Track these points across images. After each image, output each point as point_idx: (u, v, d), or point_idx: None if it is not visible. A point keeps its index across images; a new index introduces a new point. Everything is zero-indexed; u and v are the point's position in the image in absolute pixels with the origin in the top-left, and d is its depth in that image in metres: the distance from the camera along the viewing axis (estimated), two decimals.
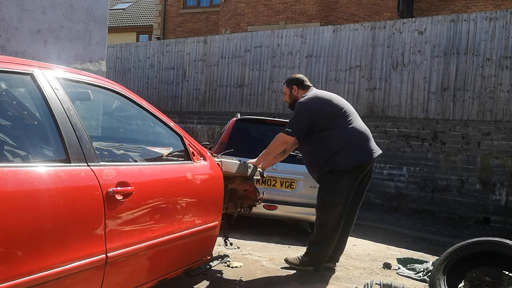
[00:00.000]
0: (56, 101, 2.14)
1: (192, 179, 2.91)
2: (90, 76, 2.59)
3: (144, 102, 2.86)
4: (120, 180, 2.26)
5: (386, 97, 8.64)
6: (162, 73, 11.92)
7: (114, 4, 25.54)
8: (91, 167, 2.14)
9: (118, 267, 2.25)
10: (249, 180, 3.66)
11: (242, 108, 10.43)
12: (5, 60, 2.16)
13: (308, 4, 13.74)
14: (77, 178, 2.06)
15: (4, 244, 1.70)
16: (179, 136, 2.98)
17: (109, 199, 2.15)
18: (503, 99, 7.52)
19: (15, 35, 4.08)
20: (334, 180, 3.72)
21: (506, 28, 7.60)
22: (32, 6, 4.17)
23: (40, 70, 2.20)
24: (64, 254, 1.92)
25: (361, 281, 3.71)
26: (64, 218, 1.95)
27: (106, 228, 2.13)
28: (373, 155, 3.79)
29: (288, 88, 4.05)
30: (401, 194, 8.35)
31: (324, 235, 3.78)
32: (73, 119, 2.17)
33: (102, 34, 4.85)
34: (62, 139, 2.09)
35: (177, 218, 2.74)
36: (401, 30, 8.57)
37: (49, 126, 2.15)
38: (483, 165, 7.61)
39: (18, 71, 2.14)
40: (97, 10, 4.75)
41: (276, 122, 5.50)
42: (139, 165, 2.72)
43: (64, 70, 2.41)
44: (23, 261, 1.76)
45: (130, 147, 3.13)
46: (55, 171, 1.98)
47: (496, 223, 7.36)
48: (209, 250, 3.23)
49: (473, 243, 3.18)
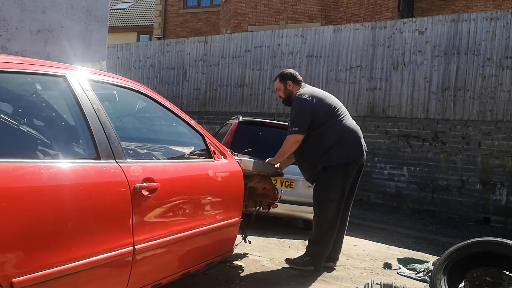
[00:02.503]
0: (86, 102, 2.26)
1: (213, 176, 3.01)
2: (116, 78, 2.70)
3: (167, 102, 2.95)
4: (146, 176, 2.36)
5: (387, 97, 8.64)
6: (163, 73, 11.92)
7: (115, 4, 25.55)
8: (119, 163, 2.25)
9: (144, 259, 2.35)
10: (267, 179, 3.74)
11: (243, 108, 10.44)
12: (39, 63, 2.28)
13: (309, 4, 13.74)
14: (107, 174, 2.18)
15: (46, 234, 1.82)
16: (201, 135, 3.08)
17: (136, 194, 2.25)
18: (504, 99, 7.52)
19: (16, 35, 4.08)
20: (329, 177, 3.80)
21: (507, 28, 7.60)
22: (32, 6, 4.18)
23: (71, 72, 2.32)
24: (95, 245, 2.03)
25: (361, 281, 3.71)
26: (96, 211, 2.07)
27: (134, 222, 2.24)
28: (364, 151, 3.92)
29: (282, 84, 4.08)
30: (401, 194, 8.35)
31: (323, 233, 3.82)
32: (102, 119, 2.29)
33: (103, 34, 4.85)
34: (92, 138, 2.21)
35: (199, 214, 2.85)
36: (401, 30, 8.57)
37: (81, 125, 2.27)
38: (484, 165, 7.60)
39: (52, 74, 2.26)
40: (97, 10, 4.75)
41: (278, 125, 5.68)
42: (164, 162, 2.83)
43: (92, 72, 2.53)
44: (60, 251, 1.87)
45: (154, 146, 3.22)
46: (87, 167, 2.11)
47: (497, 223, 7.36)
48: (230, 246, 3.32)
49: (474, 243, 3.18)
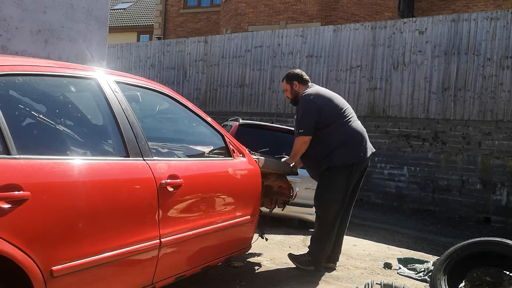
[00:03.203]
0: (116, 103, 2.41)
1: (232, 174, 3.16)
2: (141, 79, 2.87)
3: (189, 103, 3.10)
4: (171, 173, 2.49)
5: (387, 97, 8.64)
6: (163, 73, 11.92)
7: (115, 4, 25.54)
8: (146, 161, 2.39)
9: (169, 251, 2.48)
10: (283, 177, 3.84)
11: (243, 108, 10.44)
12: (72, 66, 2.45)
13: (309, 4, 13.73)
14: (135, 170, 2.33)
15: (82, 226, 1.96)
16: (221, 134, 3.22)
17: (162, 190, 2.39)
18: (504, 99, 7.52)
19: (16, 35, 4.08)
20: (332, 177, 3.80)
21: (507, 28, 7.60)
22: (32, 6, 4.17)
23: (101, 75, 2.48)
24: (126, 237, 2.17)
25: (361, 281, 3.71)
26: (126, 206, 2.21)
27: (160, 216, 2.38)
28: (369, 153, 3.90)
29: (288, 84, 4.09)
30: (401, 194, 8.34)
31: (324, 233, 3.82)
32: (131, 119, 2.43)
33: (103, 34, 4.84)
34: (122, 136, 2.36)
35: (220, 210, 3.00)
36: (401, 30, 8.56)
37: (111, 125, 2.42)
38: (484, 165, 7.60)
39: (85, 76, 2.42)
40: (97, 10, 4.75)
41: (278, 128, 5.84)
42: (187, 160, 3.00)
43: (119, 74, 2.68)
44: (94, 242, 2.01)
45: (175, 145, 3.35)
46: (118, 164, 2.27)
47: (497, 223, 7.36)
48: (248, 242, 3.44)
49: (474, 243, 3.18)
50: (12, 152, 1.78)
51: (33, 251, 1.74)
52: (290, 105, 9.79)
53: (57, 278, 1.82)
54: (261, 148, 3.94)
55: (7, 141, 1.78)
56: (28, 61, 2.34)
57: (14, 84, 2.13)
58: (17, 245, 1.69)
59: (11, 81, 2.09)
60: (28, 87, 2.30)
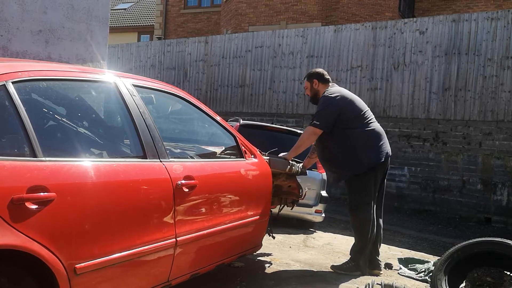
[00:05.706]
0: (134, 106, 2.48)
1: (245, 175, 3.24)
2: (156, 82, 2.96)
3: (202, 105, 3.16)
4: (186, 174, 2.57)
5: (388, 97, 8.64)
6: (163, 73, 11.92)
7: (116, 4, 25.55)
8: (163, 162, 2.47)
9: (185, 250, 2.56)
10: (293, 177, 3.88)
11: (243, 108, 10.44)
12: (93, 71, 2.54)
13: (309, 4, 13.72)
14: (153, 171, 2.40)
15: (103, 225, 2.04)
16: (233, 135, 3.29)
17: (178, 191, 2.47)
18: (505, 99, 7.51)
19: (17, 35, 4.08)
20: (362, 181, 3.82)
21: (508, 28, 7.59)
22: (33, 6, 4.18)
23: (120, 79, 2.54)
24: (144, 236, 2.25)
25: (362, 281, 3.71)
26: (144, 205, 2.29)
27: (176, 216, 2.46)
28: (389, 154, 3.98)
29: (309, 82, 4.10)
30: (402, 194, 8.34)
31: (364, 236, 3.83)
32: (148, 121, 2.50)
33: (104, 34, 4.84)
34: (139, 138, 2.43)
35: (233, 209, 3.07)
36: (402, 30, 8.56)
37: (129, 127, 2.50)
38: (485, 165, 7.60)
39: (104, 80, 2.50)
40: (98, 10, 4.75)
41: (277, 129, 5.86)
42: (201, 161, 3.06)
43: (136, 78, 2.75)
44: (113, 241, 2.09)
45: (187, 146, 3.43)
46: (136, 165, 2.35)
47: (498, 223, 7.35)
48: (259, 240, 3.52)
49: (475, 243, 3.18)
50: (38, 155, 1.86)
51: (58, 249, 1.83)
52: (291, 105, 9.81)
53: (80, 275, 1.92)
54: (263, 149, 3.93)
55: (33, 144, 1.86)
56: (51, 66, 2.43)
57: (39, 88, 2.23)
58: (43, 243, 1.77)
59: (36, 86, 2.19)
60: (51, 92, 2.38)
